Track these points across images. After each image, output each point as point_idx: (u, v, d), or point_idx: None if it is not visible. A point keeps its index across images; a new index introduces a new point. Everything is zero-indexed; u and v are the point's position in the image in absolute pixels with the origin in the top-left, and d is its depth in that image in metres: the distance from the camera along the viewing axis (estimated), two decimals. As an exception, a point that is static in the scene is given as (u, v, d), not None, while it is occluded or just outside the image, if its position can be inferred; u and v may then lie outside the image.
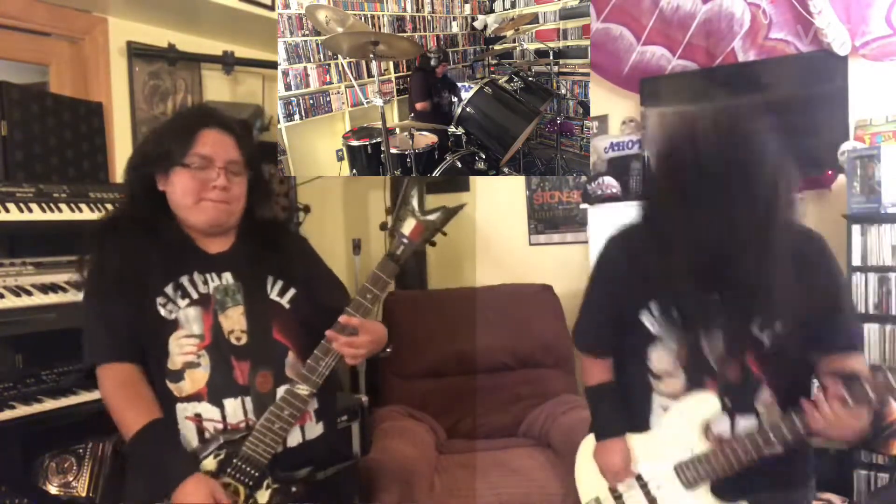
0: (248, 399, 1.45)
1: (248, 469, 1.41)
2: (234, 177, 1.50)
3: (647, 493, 1.57)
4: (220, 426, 1.43)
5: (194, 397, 1.43)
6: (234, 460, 1.40)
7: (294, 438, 1.48)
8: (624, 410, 1.62)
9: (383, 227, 1.46)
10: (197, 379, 1.43)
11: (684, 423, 1.51)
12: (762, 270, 1.32)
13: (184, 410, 1.43)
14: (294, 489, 1.45)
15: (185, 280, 1.47)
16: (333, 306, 1.65)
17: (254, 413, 1.44)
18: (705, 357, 1.47)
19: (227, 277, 1.51)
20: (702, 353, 1.47)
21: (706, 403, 1.48)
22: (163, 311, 1.44)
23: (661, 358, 1.53)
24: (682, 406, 1.51)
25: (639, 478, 1.59)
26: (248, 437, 1.41)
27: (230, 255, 1.54)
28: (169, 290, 1.45)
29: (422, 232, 1.43)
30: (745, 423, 1.47)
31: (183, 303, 1.45)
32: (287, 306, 1.55)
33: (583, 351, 1.72)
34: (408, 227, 1.41)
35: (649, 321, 1.52)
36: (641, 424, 1.59)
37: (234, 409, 1.44)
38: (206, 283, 1.49)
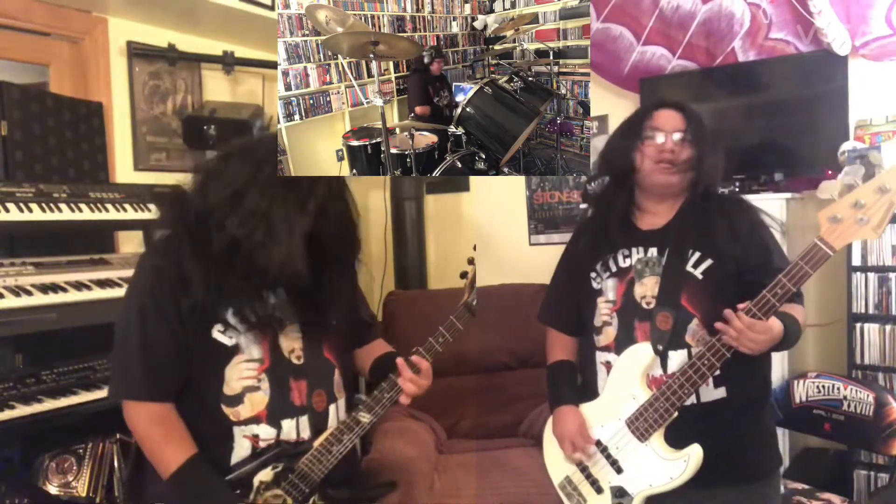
0: (303, 419, 1.44)
1: (301, 485, 1.42)
2: None
3: (609, 457, 1.60)
4: (274, 442, 1.43)
5: (252, 420, 1.41)
6: (291, 475, 1.42)
7: None
8: (576, 382, 1.73)
9: (463, 275, 1.50)
10: (257, 402, 1.41)
11: (626, 377, 1.57)
12: (698, 212, 1.57)
13: (241, 432, 1.41)
14: None
15: (244, 304, 1.39)
16: (367, 323, 1.68)
17: (308, 431, 1.45)
18: (636, 301, 1.58)
19: (282, 294, 1.46)
20: (633, 297, 1.59)
21: (641, 352, 1.55)
22: (222, 338, 1.39)
23: (601, 309, 1.64)
24: (621, 362, 1.58)
25: (599, 443, 1.62)
26: (304, 453, 1.42)
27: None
28: (229, 316, 1.39)
29: None
30: (678, 357, 1.53)
31: (243, 327, 1.39)
32: (334, 323, 1.53)
33: (544, 323, 1.83)
34: None
35: (595, 280, 1.66)
36: (591, 392, 1.67)
37: (290, 428, 1.43)
38: (263, 302, 1.43)
